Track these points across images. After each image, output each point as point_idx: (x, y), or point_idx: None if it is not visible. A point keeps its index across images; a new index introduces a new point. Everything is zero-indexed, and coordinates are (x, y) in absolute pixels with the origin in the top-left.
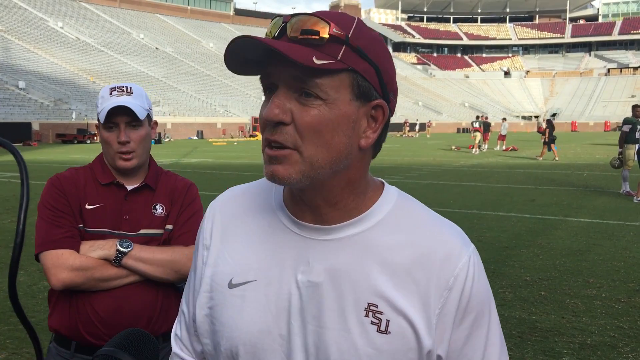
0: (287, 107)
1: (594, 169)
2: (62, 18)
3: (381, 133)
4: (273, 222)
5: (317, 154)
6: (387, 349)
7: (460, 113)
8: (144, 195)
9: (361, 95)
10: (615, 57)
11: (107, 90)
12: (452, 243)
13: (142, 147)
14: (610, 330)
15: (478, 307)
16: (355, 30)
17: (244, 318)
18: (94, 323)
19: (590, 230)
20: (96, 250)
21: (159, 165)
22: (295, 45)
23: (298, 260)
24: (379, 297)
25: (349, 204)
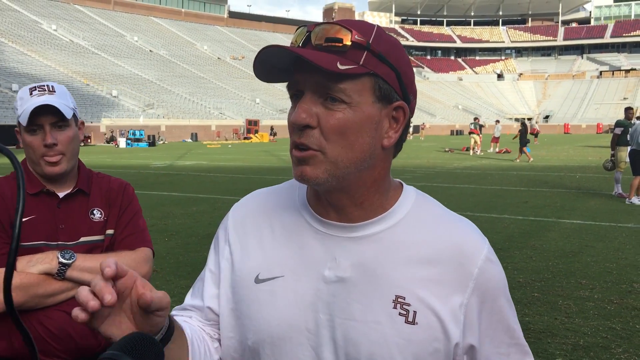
0: (313, 111)
1: (586, 171)
2: (55, 20)
3: (403, 133)
4: (297, 220)
5: (342, 154)
6: (415, 339)
7: (454, 115)
8: (78, 201)
9: (383, 97)
10: (608, 59)
11: (27, 90)
12: (472, 237)
13: (70, 149)
14: (602, 332)
15: (500, 292)
16: (376, 37)
17: (272, 312)
18: (45, 340)
19: (582, 232)
20: (35, 265)
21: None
22: (321, 53)
23: (325, 257)
24: (406, 290)
25: (374, 203)
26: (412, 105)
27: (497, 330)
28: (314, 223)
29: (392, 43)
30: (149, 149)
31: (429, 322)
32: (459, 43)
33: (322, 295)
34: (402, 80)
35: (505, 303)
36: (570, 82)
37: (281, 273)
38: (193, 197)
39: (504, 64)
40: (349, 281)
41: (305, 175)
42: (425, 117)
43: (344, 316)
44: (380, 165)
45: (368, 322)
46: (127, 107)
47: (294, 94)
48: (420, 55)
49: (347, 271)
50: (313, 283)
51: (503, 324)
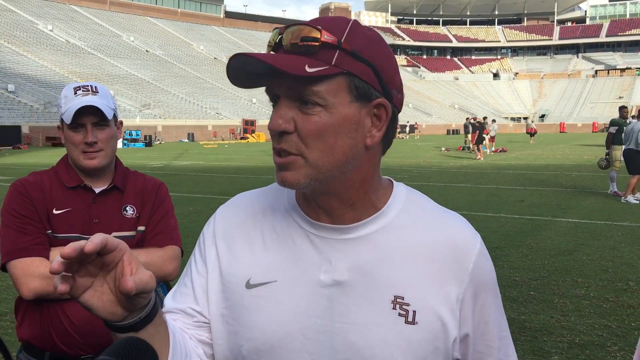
0: (289, 116)
1: (582, 169)
2: (51, 21)
3: (388, 130)
4: (288, 223)
5: (322, 158)
6: (415, 339)
7: (450, 115)
8: (113, 197)
9: (361, 96)
10: (603, 58)
11: (71, 89)
12: (465, 232)
13: (109, 147)
14: (598, 330)
15: (492, 286)
16: (349, 34)
17: (266, 319)
18: (70, 333)
19: (578, 231)
20: None
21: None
22: (290, 56)
23: (319, 260)
24: (404, 289)
25: (365, 203)
26: (397, 99)
27: (488, 323)
28: (305, 226)
29: (369, 38)
30: (145, 149)
31: (429, 320)
32: (455, 42)
33: (318, 300)
34: (381, 76)
35: (496, 296)
36: (565, 81)
37: (274, 278)
38: (189, 197)
39: (500, 64)
40: (346, 284)
41: (286, 181)
42: (421, 116)
43: (342, 320)
44: (366, 164)
45: (368, 325)
46: (123, 107)
47: (273, 99)
48: (416, 54)
49: (343, 274)
50: (308, 287)
51: (494, 317)
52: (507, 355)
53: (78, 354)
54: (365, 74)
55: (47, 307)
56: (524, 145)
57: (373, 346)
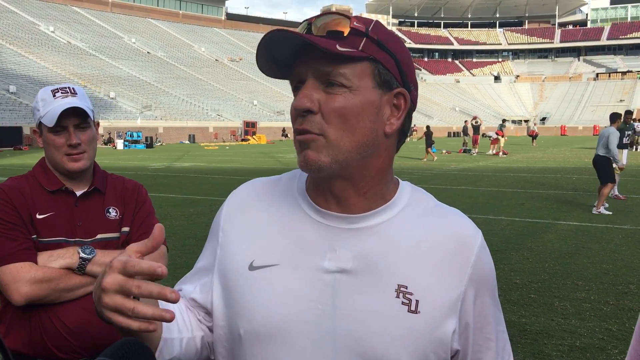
0: (314, 97)
1: (582, 172)
2: (53, 22)
3: (405, 122)
4: (294, 210)
5: (343, 137)
6: (417, 328)
7: (451, 117)
8: (95, 199)
9: (383, 83)
10: (604, 62)
11: (48, 92)
12: (468, 227)
13: (91, 148)
14: (599, 333)
15: (492, 280)
16: (375, 26)
17: (267, 302)
18: (63, 336)
19: (579, 234)
20: (57, 259)
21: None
22: (320, 38)
23: (323, 248)
24: (408, 279)
25: (377, 193)
26: (414, 95)
27: (488, 316)
28: (311, 213)
29: (390, 33)
30: (146, 150)
31: (431, 310)
32: (456, 45)
33: (321, 286)
34: (402, 67)
35: (494, 291)
36: (566, 84)
37: (277, 261)
38: (190, 199)
39: (501, 66)
40: (351, 272)
41: (309, 160)
42: (422, 118)
43: (344, 307)
44: (384, 153)
45: (370, 312)
46: (124, 108)
47: (296, 86)
48: (417, 57)
49: (348, 262)
50: (311, 273)
51: (493, 311)
52: (504, 349)
53: (72, 357)
54: (388, 62)
55: (38, 313)
56: (525, 148)
57: (374, 333)
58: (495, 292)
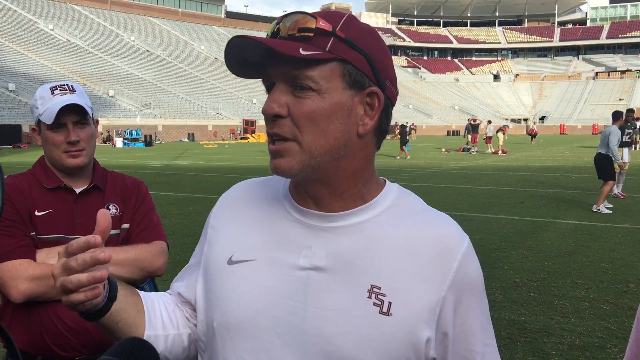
0: (283, 101)
1: (582, 171)
2: (52, 20)
3: (381, 121)
4: (278, 209)
5: (315, 142)
6: (388, 331)
7: (450, 116)
8: (94, 196)
9: (354, 83)
10: (603, 60)
11: (47, 89)
12: (453, 231)
13: (90, 145)
14: (598, 331)
15: (477, 289)
16: (345, 23)
17: (240, 295)
18: (63, 333)
19: (578, 232)
20: (55, 256)
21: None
22: (284, 41)
23: (300, 245)
24: (382, 280)
25: (354, 194)
26: (391, 91)
27: (472, 327)
28: (293, 212)
29: (364, 30)
30: (145, 148)
31: (405, 314)
32: (455, 44)
33: (293, 282)
34: (374, 65)
35: (481, 301)
36: (566, 83)
37: (254, 257)
38: (190, 197)
39: (500, 65)
40: (324, 270)
41: (279, 168)
42: (421, 117)
43: (315, 304)
44: (359, 154)
45: (340, 311)
46: (124, 106)
47: (269, 88)
48: (416, 55)
49: (322, 260)
50: (285, 269)
51: (478, 322)
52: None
53: (72, 355)
54: (358, 61)
55: (37, 310)
56: (524, 146)
57: (343, 332)
58: (482, 302)
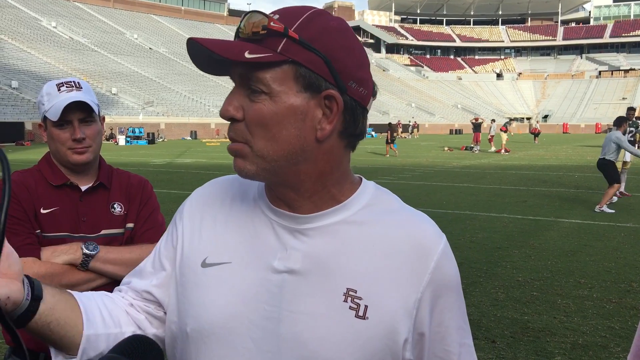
0: (238, 104)
1: (585, 170)
2: (55, 18)
3: (346, 124)
4: (253, 209)
5: (267, 147)
6: (364, 335)
7: (453, 114)
8: (100, 194)
9: (308, 86)
10: (607, 59)
11: (53, 86)
12: (429, 232)
13: (96, 142)
14: (601, 331)
15: (454, 289)
16: (303, 22)
17: (214, 299)
18: None
19: (581, 231)
20: (60, 255)
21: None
22: (234, 42)
23: (276, 247)
24: (358, 283)
25: (324, 196)
26: (356, 92)
27: (449, 327)
28: (268, 212)
29: (324, 28)
30: (148, 146)
31: (381, 317)
32: (458, 42)
33: (268, 286)
34: (333, 67)
35: (458, 301)
36: (569, 82)
37: (229, 259)
38: None
39: (503, 64)
40: (299, 273)
41: (237, 167)
42: (424, 115)
43: (291, 309)
44: (323, 158)
45: (316, 315)
46: (126, 104)
47: None
48: (419, 54)
49: (297, 262)
50: (260, 272)
51: (455, 322)
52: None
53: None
54: (313, 63)
55: None
56: (527, 145)
57: (319, 337)
58: (458, 302)
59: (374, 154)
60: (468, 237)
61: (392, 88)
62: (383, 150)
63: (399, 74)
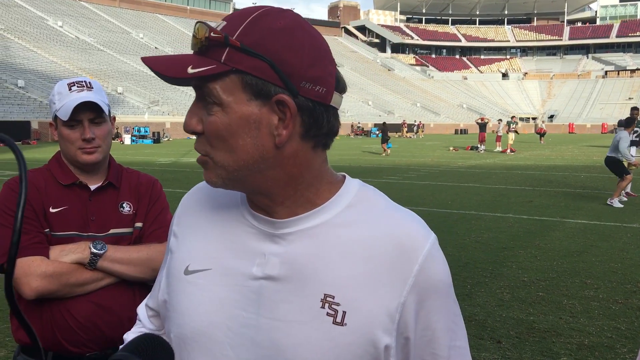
0: (198, 117)
1: (591, 170)
2: (61, 17)
3: (307, 125)
4: (235, 215)
5: (226, 159)
6: (342, 342)
7: (458, 114)
8: (109, 194)
9: (257, 93)
10: (613, 59)
11: (65, 85)
12: (414, 232)
13: (106, 143)
14: (607, 331)
15: (441, 291)
16: (246, 27)
17: (194, 306)
18: (74, 330)
19: (587, 232)
20: (68, 254)
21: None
22: (178, 57)
23: (255, 253)
24: (336, 288)
25: (297, 200)
26: (314, 92)
27: (436, 330)
28: (249, 217)
29: (271, 30)
30: (153, 145)
31: (360, 323)
32: (464, 42)
33: (246, 293)
34: (280, 70)
35: (447, 303)
36: (575, 82)
37: (210, 266)
38: None
39: (509, 63)
40: (277, 279)
41: (205, 179)
42: (429, 115)
43: (269, 316)
44: (288, 162)
45: (293, 322)
46: (132, 104)
47: None
48: (425, 53)
49: (275, 268)
50: (239, 279)
51: (443, 325)
52: None
53: (83, 351)
54: (258, 69)
55: (49, 306)
56: (533, 145)
57: (296, 344)
58: (447, 304)
59: (370, 153)
60: (473, 237)
61: (397, 88)
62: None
63: (404, 73)
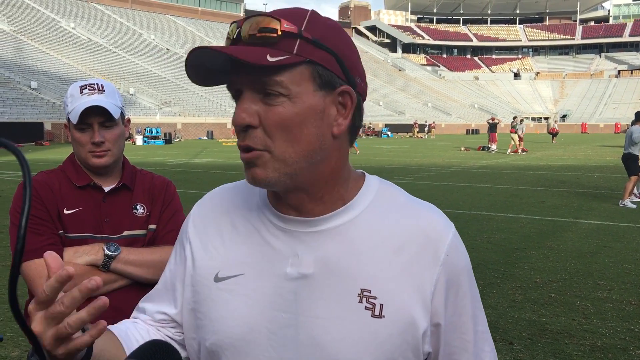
0: (253, 110)
1: (604, 171)
2: (74, 19)
3: (354, 119)
4: (259, 218)
5: (289, 150)
6: (382, 333)
7: (470, 114)
8: (123, 195)
9: (324, 84)
10: (626, 58)
11: (77, 88)
12: (437, 222)
13: (116, 146)
14: (621, 333)
15: (465, 277)
16: (309, 23)
17: (231, 312)
18: None
19: (600, 233)
20: (82, 256)
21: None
22: (250, 47)
23: (286, 253)
24: (371, 282)
25: (334, 196)
26: (361, 87)
27: (462, 315)
28: (274, 219)
29: (329, 26)
30: (165, 146)
31: (397, 314)
32: (475, 42)
33: (283, 293)
34: (344, 63)
35: (471, 289)
36: (588, 81)
37: (241, 271)
38: None
39: (521, 63)
40: (312, 277)
41: (256, 178)
42: (441, 115)
43: (307, 314)
44: (335, 155)
45: (332, 319)
46: (143, 104)
47: (235, 95)
48: (436, 53)
49: (309, 267)
50: (274, 281)
51: (469, 310)
52: (482, 350)
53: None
54: (327, 61)
55: None
56: (545, 145)
57: (337, 340)
58: (472, 290)
59: (375, 153)
60: (485, 237)
61: (409, 88)
62: (394, 150)
63: (415, 73)
